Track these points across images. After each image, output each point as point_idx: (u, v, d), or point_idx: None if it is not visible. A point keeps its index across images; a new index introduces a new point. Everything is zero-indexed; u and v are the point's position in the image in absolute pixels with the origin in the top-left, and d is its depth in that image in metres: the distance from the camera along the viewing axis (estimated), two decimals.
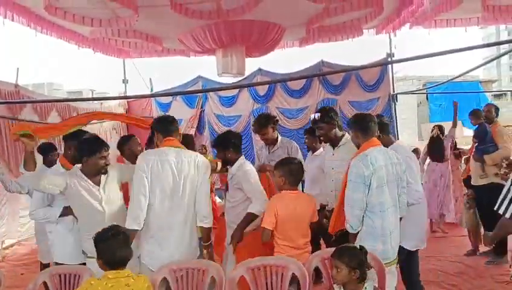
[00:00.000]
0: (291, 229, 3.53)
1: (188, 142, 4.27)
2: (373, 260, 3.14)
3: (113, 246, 2.66)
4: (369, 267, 2.91)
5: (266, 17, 7.74)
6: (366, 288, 2.83)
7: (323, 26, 8.78)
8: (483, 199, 5.78)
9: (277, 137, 4.97)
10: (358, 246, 2.94)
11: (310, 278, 3.21)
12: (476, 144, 5.95)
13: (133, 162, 4.42)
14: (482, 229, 5.92)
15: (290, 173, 3.60)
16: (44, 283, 3.31)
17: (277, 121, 5.11)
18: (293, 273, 3.26)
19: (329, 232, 3.75)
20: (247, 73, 9.94)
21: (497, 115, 6.07)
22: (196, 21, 7.42)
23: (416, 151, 10.94)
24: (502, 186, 5.23)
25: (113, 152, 4.20)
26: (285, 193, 3.59)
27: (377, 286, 2.97)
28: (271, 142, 4.97)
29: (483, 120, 5.99)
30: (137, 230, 3.42)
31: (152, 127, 3.90)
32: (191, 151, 3.72)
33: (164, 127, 3.71)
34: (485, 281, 4.96)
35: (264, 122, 4.93)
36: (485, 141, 5.77)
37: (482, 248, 5.98)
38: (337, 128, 4.05)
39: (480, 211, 5.94)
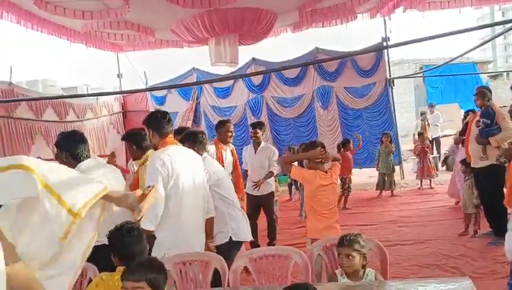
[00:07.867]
0: (323, 201, 3.98)
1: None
2: (376, 247, 3.13)
3: (129, 242, 2.65)
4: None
5: (258, 3, 7.67)
6: (368, 275, 2.87)
7: (316, 10, 8.70)
8: (483, 181, 5.74)
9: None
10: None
11: (312, 267, 3.19)
12: (480, 127, 5.69)
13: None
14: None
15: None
16: None
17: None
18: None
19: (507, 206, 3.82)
20: (241, 63, 9.87)
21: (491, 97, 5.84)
22: (188, 10, 7.35)
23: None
24: (502, 168, 5.24)
25: (112, 146, 4.08)
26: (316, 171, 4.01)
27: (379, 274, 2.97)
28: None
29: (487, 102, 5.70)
30: None
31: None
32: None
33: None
34: (487, 262, 4.96)
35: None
36: (492, 123, 5.61)
37: (482, 230, 5.97)
38: None
39: (480, 193, 5.91)
